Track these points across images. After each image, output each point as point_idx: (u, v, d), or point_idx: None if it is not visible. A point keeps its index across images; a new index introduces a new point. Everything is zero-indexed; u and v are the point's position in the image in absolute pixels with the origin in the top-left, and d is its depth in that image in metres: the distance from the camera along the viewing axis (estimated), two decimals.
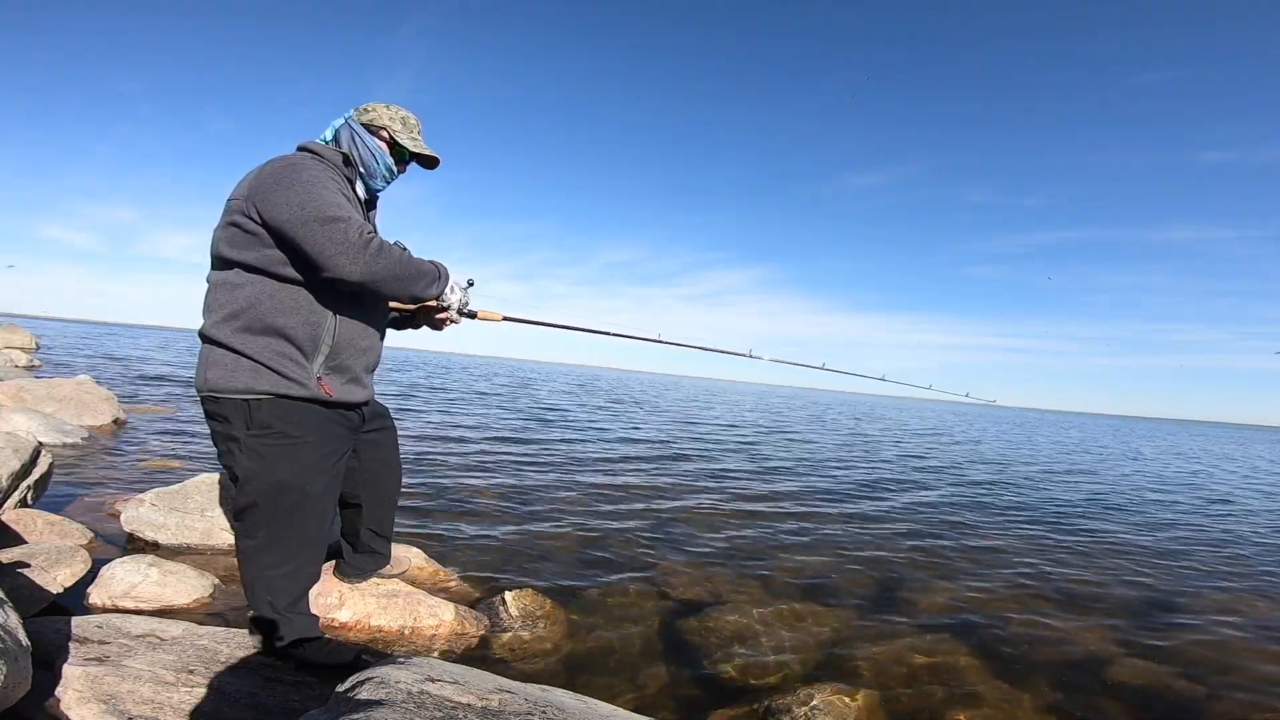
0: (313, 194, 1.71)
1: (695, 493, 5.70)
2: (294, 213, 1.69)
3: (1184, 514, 6.85)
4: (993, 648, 2.76)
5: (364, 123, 1.98)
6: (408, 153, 2.03)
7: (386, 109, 2.00)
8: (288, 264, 1.76)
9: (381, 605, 2.37)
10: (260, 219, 1.73)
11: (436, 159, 2.09)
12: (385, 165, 2.00)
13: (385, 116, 1.99)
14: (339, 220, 1.70)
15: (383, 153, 1.98)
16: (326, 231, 1.68)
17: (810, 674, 2.38)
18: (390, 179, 2.05)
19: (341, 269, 1.70)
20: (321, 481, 1.90)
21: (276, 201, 1.70)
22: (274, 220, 1.71)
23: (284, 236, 1.71)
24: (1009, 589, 3.62)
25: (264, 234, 1.74)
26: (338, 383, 1.88)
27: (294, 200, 1.69)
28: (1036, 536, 5.08)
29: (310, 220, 1.68)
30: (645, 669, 2.33)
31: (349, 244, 1.69)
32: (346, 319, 1.88)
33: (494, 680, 1.49)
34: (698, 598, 3.07)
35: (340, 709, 1.25)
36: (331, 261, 1.69)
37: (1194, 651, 2.90)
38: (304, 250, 1.70)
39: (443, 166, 2.12)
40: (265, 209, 1.71)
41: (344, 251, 1.69)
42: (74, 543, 2.72)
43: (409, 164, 2.09)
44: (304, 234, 1.68)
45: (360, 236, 1.71)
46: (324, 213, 1.69)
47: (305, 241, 1.69)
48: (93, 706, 1.54)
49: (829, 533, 4.63)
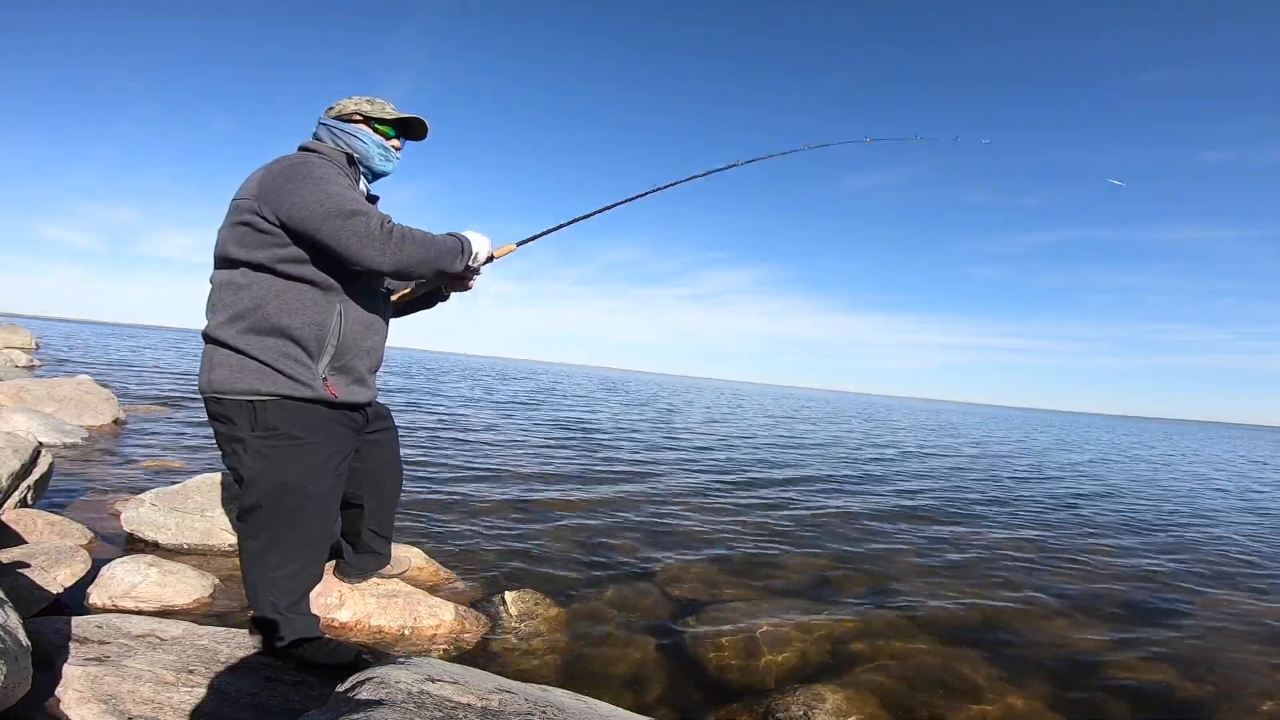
0: (328, 190, 1.73)
1: (697, 493, 5.70)
2: (314, 209, 1.70)
3: (1184, 513, 6.85)
4: (993, 647, 2.76)
5: (334, 116, 1.99)
6: (391, 128, 2.03)
7: (350, 99, 2.01)
8: (297, 262, 1.77)
9: (381, 605, 2.37)
10: (276, 218, 1.73)
11: (422, 122, 2.07)
12: (375, 143, 2.00)
13: (351, 105, 2.00)
14: (359, 213, 1.72)
15: (365, 132, 1.98)
16: (350, 225, 1.70)
17: (810, 674, 2.38)
18: (388, 155, 2.04)
19: (370, 260, 1.73)
20: (326, 483, 1.90)
21: (293, 200, 1.71)
22: (293, 218, 1.71)
23: (304, 234, 1.72)
24: (1009, 589, 3.62)
25: (278, 233, 1.74)
26: (343, 383, 1.88)
27: (311, 198, 1.71)
28: (1037, 536, 5.07)
29: (332, 215, 1.70)
30: (645, 669, 2.33)
31: (373, 235, 1.71)
32: (351, 319, 1.88)
33: (494, 680, 1.49)
34: (698, 597, 3.07)
35: (340, 709, 1.25)
36: (360, 254, 1.71)
37: (1195, 651, 2.90)
38: (329, 246, 1.72)
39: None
40: (282, 208, 1.72)
41: (370, 243, 1.71)
42: (74, 543, 2.72)
43: (400, 140, 2.08)
44: (327, 230, 1.70)
45: (382, 227, 1.73)
46: (344, 207, 1.71)
47: (329, 237, 1.70)
48: (93, 706, 1.54)
49: (829, 532, 4.63)
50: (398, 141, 2.07)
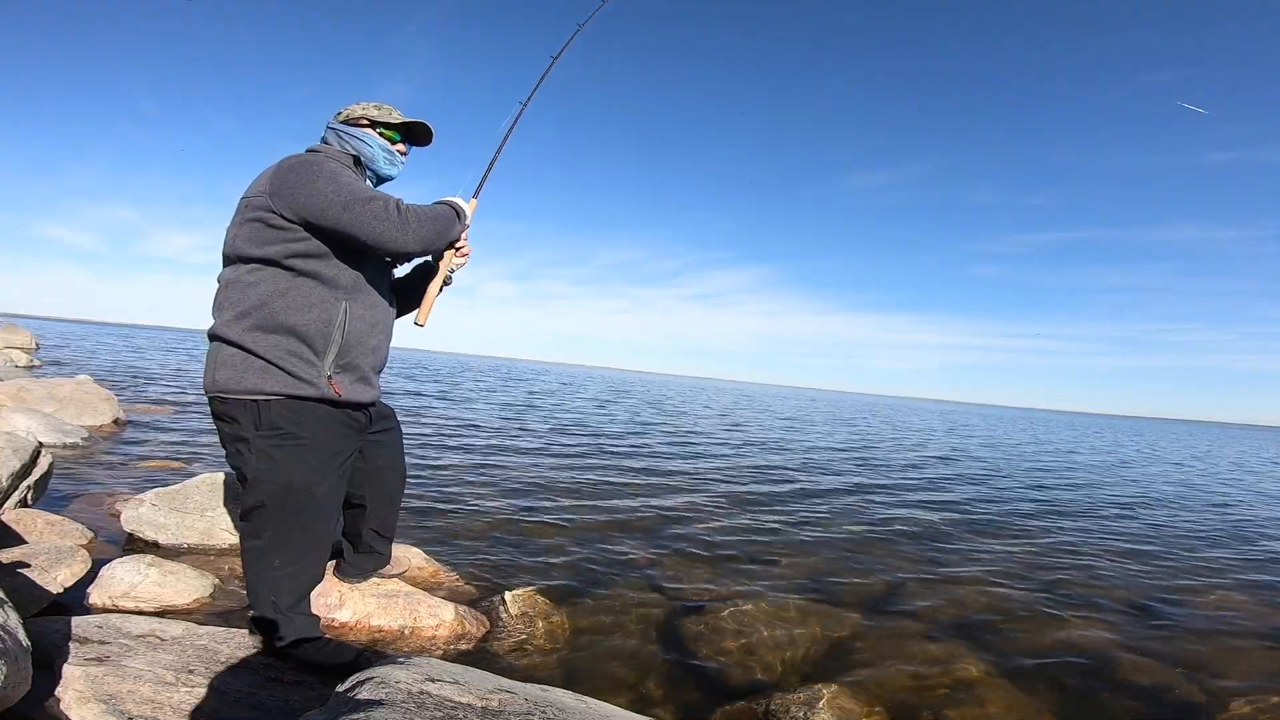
0: (342, 181, 1.77)
1: (696, 492, 5.70)
2: (331, 199, 1.73)
3: (1186, 514, 6.85)
4: (994, 646, 2.76)
5: (342, 121, 2.02)
6: (396, 133, 2.06)
7: (359, 104, 2.05)
8: (306, 258, 1.79)
9: (381, 605, 2.37)
10: (292, 214, 1.75)
11: (427, 128, 2.10)
12: (380, 147, 2.02)
13: (359, 109, 2.03)
14: (375, 198, 1.77)
15: (371, 136, 2.01)
16: (370, 209, 1.75)
17: (811, 674, 2.38)
18: (393, 160, 2.07)
19: (395, 241, 1.79)
20: (329, 482, 1.91)
21: (309, 193, 1.73)
22: (311, 211, 1.74)
23: (324, 226, 1.75)
24: (1010, 588, 3.62)
25: (290, 229, 1.76)
26: (347, 382, 1.89)
27: (327, 189, 1.74)
28: (1037, 536, 5.07)
29: (350, 203, 1.74)
30: (645, 669, 2.33)
31: (391, 219, 1.77)
32: (357, 317, 1.89)
33: (494, 680, 1.49)
34: (698, 597, 3.06)
35: (340, 709, 1.25)
36: (384, 237, 1.77)
37: (1195, 651, 2.90)
38: (352, 234, 1.75)
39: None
40: (297, 202, 1.74)
41: (391, 226, 1.77)
42: (74, 543, 2.72)
43: (407, 145, 2.12)
44: (347, 218, 1.73)
45: (400, 211, 1.79)
46: (360, 194, 1.76)
47: (351, 225, 1.74)
48: (93, 706, 1.54)
49: (830, 532, 4.63)
50: (403, 146, 2.09)
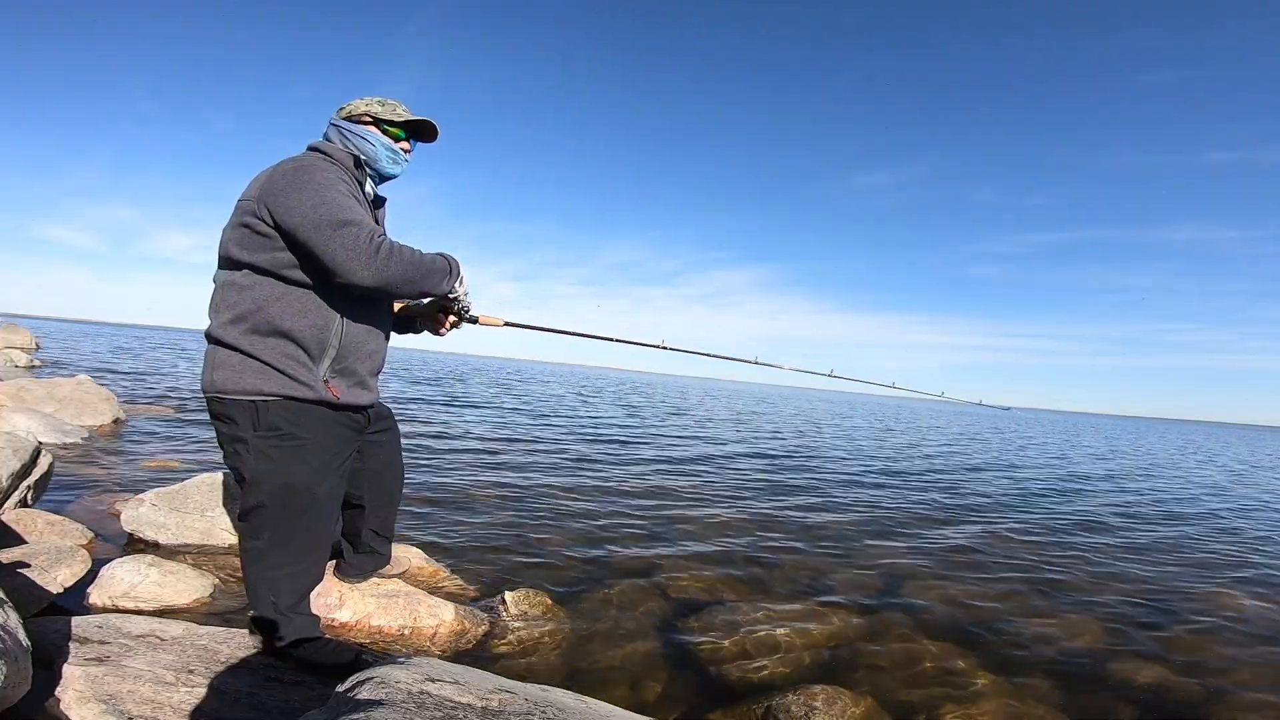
0: (325, 197, 1.72)
1: (696, 492, 5.69)
2: (306, 216, 1.69)
3: (1185, 513, 6.85)
4: (993, 647, 2.76)
5: (345, 117, 1.98)
6: (401, 130, 2.02)
7: (362, 100, 2.00)
8: (297, 267, 1.76)
9: (381, 605, 2.37)
10: (273, 221, 1.73)
11: (433, 125, 2.05)
12: (384, 145, 1.98)
13: (362, 106, 1.99)
14: (350, 224, 1.70)
15: (374, 134, 1.97)
16: (339, 236, 1.68)
17: (810, 674, 2.38)
18: (396, 159, 2.03)
19: (354, 274, 1.70)
20: (328, 483, 1.91)
21: (289, 204, 1.70)
22: (287, 222, 1.71)
23: (296, 240, 1.72)
24: (1010, 589, 3.62)
25: (276, 236, 1.74)
26: (344, 386, 1.89)
27: (306, 203, 1.70)
28: (1037, 536, 5.07)
29: (323, 224, 1.68)
30: (645, 669, 2.33)
31: (360, 250, 1.68)
32: (353, 323, 1.88)
33: (494, 680, 1.49)
34: (698, 598, 3.06)
35: (340, 709, 1.25)
36: (344, 266, 1.69)
37: (1195, 650, 2.90)
38: (316, 254, 1.70)
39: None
40: (278, 211, 1.72)
41: (356, 257, 1.68)
42: (74, 543, 2.72)
43: (411, 142, 2.07)
44: (316, 238, 1.69)
45: (371, 242, 1.70)
46: (336, 216, 1.69)
47: (317, 246, 1.69)
48: (93, 706, 1.54)
49: (830, 532, 4.63)
50: (407, 144, 2.05)
